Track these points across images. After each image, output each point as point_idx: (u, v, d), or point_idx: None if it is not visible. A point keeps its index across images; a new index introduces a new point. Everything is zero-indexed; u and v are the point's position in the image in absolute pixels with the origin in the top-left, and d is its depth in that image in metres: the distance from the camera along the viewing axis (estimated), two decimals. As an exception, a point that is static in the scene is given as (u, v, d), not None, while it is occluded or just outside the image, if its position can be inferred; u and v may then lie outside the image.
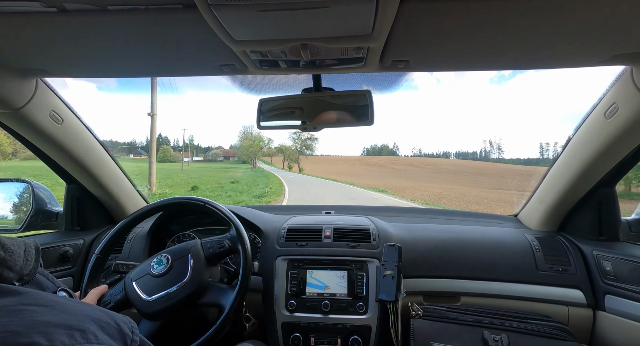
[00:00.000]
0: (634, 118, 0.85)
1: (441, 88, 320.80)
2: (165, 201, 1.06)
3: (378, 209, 1.86)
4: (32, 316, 0.31)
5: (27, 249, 0.42)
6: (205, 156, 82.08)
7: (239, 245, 0.92)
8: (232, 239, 0.94)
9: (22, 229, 1.21)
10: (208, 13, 0.56)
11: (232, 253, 0.96)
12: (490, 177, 37.14)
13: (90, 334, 0.32)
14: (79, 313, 0.34)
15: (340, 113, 0.94)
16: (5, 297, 0.33)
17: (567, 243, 1.17)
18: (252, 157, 46.18)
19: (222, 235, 0.97)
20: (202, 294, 0.88)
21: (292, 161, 50.86)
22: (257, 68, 0.82)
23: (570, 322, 1.05)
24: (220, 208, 0.99)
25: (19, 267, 0.40)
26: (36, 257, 0.44)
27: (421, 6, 0.57)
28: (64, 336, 0.30)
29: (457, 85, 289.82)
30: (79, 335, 0.31)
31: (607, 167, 1.02)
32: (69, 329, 0.31)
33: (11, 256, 0.39)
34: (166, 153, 62.66)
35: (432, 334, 0.95)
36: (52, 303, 0.34)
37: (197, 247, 0.93)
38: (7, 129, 1.04)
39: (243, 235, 0.93)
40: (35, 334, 0.29)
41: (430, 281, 1.13)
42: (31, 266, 0.42)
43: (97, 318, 0.35)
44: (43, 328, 0.30)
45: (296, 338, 1.01)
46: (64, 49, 0.76)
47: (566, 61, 0.79)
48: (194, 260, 0.90)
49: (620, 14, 0.58)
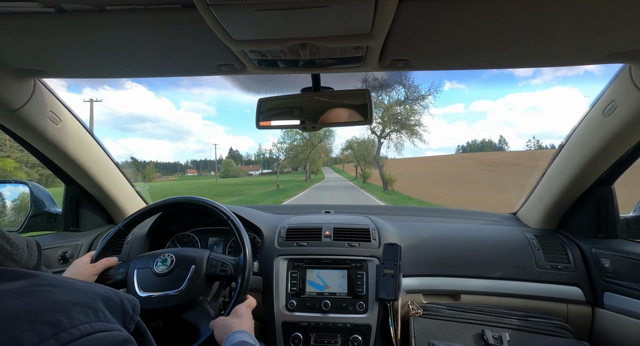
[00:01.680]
0: (632, 116, 0.85)
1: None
2: (190, 199, 1.04)
3: (377, 209, 1.86)
4: (49, 296, 0.32)
5: (30, 245, 0.43)
6: (272, 168, 74.25)
7: (239, 277, 0.89)
8: (236, 267, 0.91)
9: (21, 231, 1.21)
10: (207, 13, 0.56)
11: (230, 281, 0.94)
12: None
13: (100, 312, 0.34)
14: (90, 292, 0.36)
15: (340, 112, 0.94)
16: (20, 280, 0.34)
17: (566, 240, 1.18)
18: (306, 165, 33.42)
19: (231, 257, 0.94)
20: (188, 309, 0.87)
21: (368, 163, 27.95)
22: (256, 68, 0.82)
23: (570, 319, 1.06)
24: (239, 228, 0.95)
25: (24, 261, 0.41)
26: (39, 252, 0.45)
27: (420, 5, 0.57)
28: (80, 314, 0.32)
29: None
30: (92, 312, 0.33)
31: (605, 165, 1.02)
32: (83, 307, 0.33)
33: (17, 250, 0.40)
34: (228, 168, 59.12)
35: (432, 332, 0.95)
36: (65, 283, 0.36)
37: (202, 260, 0.91)
38: (5, 130, 1.03)
39: (247, 265, 0.89)
40: (55, 312, 0.30)
41: (430, 279, 1.13)
42: (35, 260, 0.43)
43: (105, 296, 0.37)
44: (62, 307, 0.31)
45: (296, 338, 1.01)
46: (62, 49, 0.75)
47: (564, 59, 0.79)
48: (193, 273, 0.88)
49: (618, 11, 0.58)
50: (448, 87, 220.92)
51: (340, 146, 44.51)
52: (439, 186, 24.17)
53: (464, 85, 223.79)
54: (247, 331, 0.72)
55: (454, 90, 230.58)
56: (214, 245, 1.29)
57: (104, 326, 0.33)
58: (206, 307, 0.89)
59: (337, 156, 45.15)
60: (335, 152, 43.48)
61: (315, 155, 34.64)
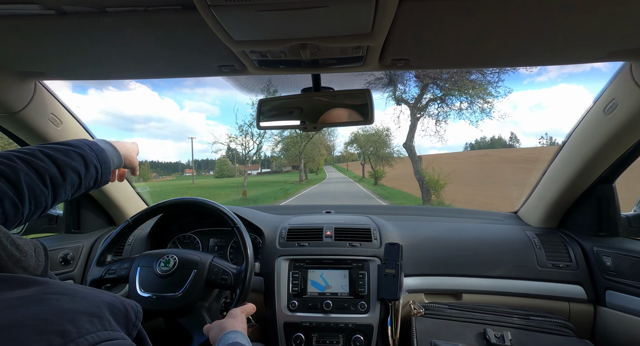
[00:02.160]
0: (633, 114, 0.85)
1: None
2: (201, 202, 1.04)
3: (378, 208, 1.86)
4: (57, 304, 0.33)
5: (37, 250, 0.43)
6: (271, 167, 67.73)
7: (239, 288, 0.88)
8: (236, 277, 0.90)
9: (22, 233, 1.21)
10: (207, 14, 0.56)
11: (230, 290, 0.93)
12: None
13: (106, 321, 0.34)
14: (96, 300, 0.36)
15: (340, 112, 0.94)
16: (28, 287, 0.34)
17: (568, 239, 1.18)
18: (300, 162, 26.91)
19: (233, 266, 0.94)
20: (185, 314, 0.87)
21: (381, 159, 21.97)
22: (257, 68, 0.82)
23: (572, 318, 1.06)
24: (245, 238, 0.95)
25: (32, 268, 0.41)
26: (45, 257, 0.45)
27: (420, 4, 0.57)
28: (87, 323, 0.32)
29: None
30: (98, 321, 0.33)
31: (606, 164, 1.03)
32: (90, 316, 0.33)
33: (25, 257, 0.40)
34: (223, 167, 53.10)
35: (434, 332, 0.95)
36: (72, 291, 0.36)
37: (204, 265, 0.91)
38: (6, 132, 1.03)
39: (247, 277, 0.89)
40: (64, 321, 0.30)
41: (432, 279, 1.13)
42: (42, 266, 0.43)
43: (110, 304, 0.37)
44: (70, 316, 0.31)
45: (298, 338, 1.01)
46: (63, 51, 0.76)
47: (565, 58, 0.79)
48: (194, 277, 0.88)
49: (618, 10, 0.58)
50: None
51: (343, 143, 41.49)
52: (481, 188, 17.19)
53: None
54: (240, 332, 0.72)
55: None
56: (215, 246, 1.30)
57: (109, 335, 0.33)
58: (203, 314, 0.88)
59: (340, 153, 41.04)
60: (339, 150, 39.37)
61: (313, 150, 28.55)
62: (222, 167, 52.80)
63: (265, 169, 70.30)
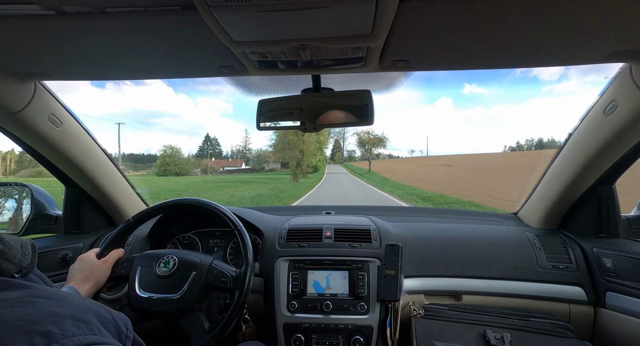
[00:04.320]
0: (633, 115, 0.85)
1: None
2: (204, 203, 1.04)
3: (378, 209, 1.86)
4: (43, 307, 0.33)
5: (24, 245, 0.44)
6: (252, 165, 59.51)
7: (237, 291, 0.88)
8: (235, 280, 0.90)
9: (22, 233, 1.21)
10: (207, 14, 0.56)
11: (228, 293, 0.93)
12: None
13: (94, 326, 0.34)
14: (83, 306, 0.36)
15: (340, 113, 0.94)
16: (15, 290, 0.35)
17: (568, 240, 1.18)
18: (297, 164, 23.97)
19: (232, 268, 0.94)
20: (183, 316, 0.87)
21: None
22: (257, 69, 0.82)
23: (572, 319, 1.05)
24: (246, 242, 0.95)
25: (17, 260, 0.42)
26: (33, 252, 0.46)
27: (421, 5, 0.57)
28: (73, 326, 0.32)
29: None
30: (85, 326, 0.33)
31: (606, 165, 1.02)
32: (76, 320, 0.33)
33: (9, 249, 0.41)
34: (167, 160, 41.93)
35: (434, 333, 0.95)
36: (58, 296, 0.36)
37: (203, 267, 0.90)
38: (6, 133, 1.03)
39: (247, 281, 0.88)
40: (48, 323, 0.31)
41: (431, 280, 1.13)
42: (29, 259, 0.44)
43: (97, 312, 0.37)
44: (54, 318, 0.32)
45: (298, 339, 1.01)
46: (63, 52, 0.75)
47: (565, 59, 0.79)
48: (193, 279, 0.88)
49: (618, 11, 0.58)
50: (468, 90, 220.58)
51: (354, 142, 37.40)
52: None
53: (485, 88, 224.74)
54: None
55: (474, 94, 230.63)
56: (215, 247, 1.29)
57: (98, 339, 0.33)
58: (201, 317, 0.88)
59: (350, 152, 40.54)
60: (350, 147, 36.97)
61: (307, 143, 23.34)
62: (166, 160, 41.15)
63: (247, 166, 59.33)
